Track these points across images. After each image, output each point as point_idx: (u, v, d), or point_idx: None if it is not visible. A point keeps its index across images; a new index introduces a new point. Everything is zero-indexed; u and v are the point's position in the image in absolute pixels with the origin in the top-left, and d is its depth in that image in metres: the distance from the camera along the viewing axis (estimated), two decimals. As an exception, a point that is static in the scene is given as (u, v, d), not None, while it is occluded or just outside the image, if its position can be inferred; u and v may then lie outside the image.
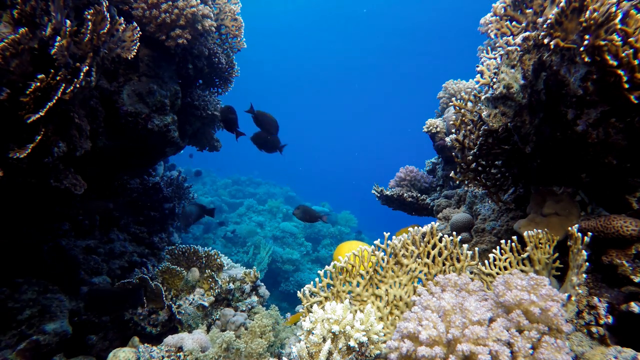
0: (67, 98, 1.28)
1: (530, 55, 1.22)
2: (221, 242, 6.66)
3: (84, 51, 1.35)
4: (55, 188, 1.47)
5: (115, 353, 1.59)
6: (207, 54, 2.60)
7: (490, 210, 1.83)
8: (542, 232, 1.24)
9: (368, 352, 1.03)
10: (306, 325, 1.04)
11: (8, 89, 1.17)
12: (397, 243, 1.28)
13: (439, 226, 2.17)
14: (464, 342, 0.83)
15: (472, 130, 1.65)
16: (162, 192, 3.25)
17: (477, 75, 1.48)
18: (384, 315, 1.24)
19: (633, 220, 1.11)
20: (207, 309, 2.12)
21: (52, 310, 1.94)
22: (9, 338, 1.77)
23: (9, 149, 1.21)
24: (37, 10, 1.21)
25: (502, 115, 1.38)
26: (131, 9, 2.04)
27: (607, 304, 1.08)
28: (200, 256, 2.30)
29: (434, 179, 2.91)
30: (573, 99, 1.10)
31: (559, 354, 0.80)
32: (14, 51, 1.13)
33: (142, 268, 2.53)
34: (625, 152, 1.07)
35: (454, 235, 1.30)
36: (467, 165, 1.66)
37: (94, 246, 2.51)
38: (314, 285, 1.25)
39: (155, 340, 1.98)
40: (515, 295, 0.89)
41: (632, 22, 0.94)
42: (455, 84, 2.82)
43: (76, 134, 1.50)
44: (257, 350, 1.57)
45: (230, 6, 2.66)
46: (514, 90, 1.29)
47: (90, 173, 1.90)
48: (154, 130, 2.20)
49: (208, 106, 2.77)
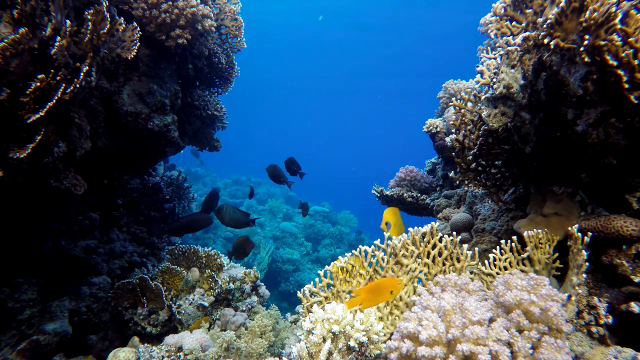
0: (67, 98, 1.28)
1: (530, 55, 1.22)
2: (221, 242, 6.66)
3: (84, 51, 1.35)
4: (55, 188, 1.47)
5: (115, 353, 1.59)
6: (207, 54, 2.60)
7: (490, 210, 1.83)
8: (542, 232, 1.24)
9: (368, 352, 1.03)
10: (306, 325, 1.04)
11: (8, 89, 1.17)
12: (397, 243, 1.28)
13: (439, 226, 2.17)
14: (464, 342, 0.83)
15: (472, 130, 1.65)
16: (162, 192, 3.25)
17: (477, 75, 1.48)
18: (384, 315, 1.24)
19: (633, 220, 1.11)
20: (207, 309, 2.12)
21: (52, 310, 1.94)
22: (9, 338, 1.77)
23: (9, 149, 1.21)
24: (37, 10, 1.21)
25: (502, 115, 1.38)
26: (131, 9, 2.03)
27: (607, 304, 1.08)
28: (200, 256, 2.30)
29: (434, 179, 2.91)
30: (573, 99, 1.10)
31: (559, 354, 0.80)
32: (14, 51, 1.13)
33: (142, 268, 2.52)
34: (625, 152, 1.07)
35: (454, 235, 1.30)
36: (467, 165, 1.66)
37: (94, 246, 2.51)
38: (314, 285, 1.25)
39: (155, 340, 1.98)
40: (515, 295, 0.89)
41: (632, 22, 0.94)
42: (455, 84, 2.82)
43: (76, 134, 1.50)
44: (258, 350, 1.57)
45: (230, 6, 2.66)
46: (514, 90, 1.29)
47: (90, 173, 1.90)
48: (154, 130, 2.20)
49: (208, 106, 2.77)
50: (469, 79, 2.77)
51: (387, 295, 1.07)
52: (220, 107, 2.85)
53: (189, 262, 2.31)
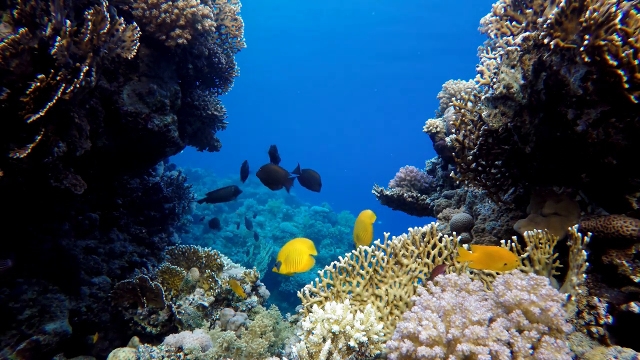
0: (67, 98, 1.28)
1: (530, 55, 1.22)
2: (221, 242, 6.66)
3: (84, 51, 1.35)
4: (55, 188, 1.47)
5: (115, 353, 1.59)
6: (207, 54, 2.60)
7: (490, 210, 1.83)
8: (542, 232, 1.24)
9: (368, 352, 1.03)
10: (306, 325, 1.04)
11: (8, 89, 1.17)
12: (397, 243, 1.28)
13: (439, 226, 2.17)
14: (464, 342, 0.83)
15: (472, 130, 1.65)
16: (162, 192, 3.25)
17: (477, 75, 1.48)
18: (384, 315, 1.24)
19: (633, 220, 1.11)
20: (207, 309, 2.12)
21: (52, 310, 1.94)
22: (9, 338, 1.77)
23: (9, 149, 1.21)
24: (37, 10, 1.21)
25: (502, 115, 1.38)
26: (131, 9, 2.03)
27: (607, 303, 1.08)
28: (200, 256, 2.30)
29: (434, 179, 2.91)
30: (573, 99, 1.10)
31: (559, 354, 0.80)
32: (14, 51, 1.13)
33: (142, 268, 2.52)
34: (625, 152, 1.07)
35: (454, 235, 1.30)
36: (467, 165, 1.66)
37: (94, 246, 2.51)
38: (314, 285, 1.25)
39: (155, 340, 1.98)
40: (515, 295, 0.89)
41: (632, 22, 0.94)
42: (455, 84, 2.82)
43: (76, 134, 1.50)
44: (258, 350, 1.57)
45: (230, 6, 2.66)
46: (514, 90, 1.29)
47: (90, 173, 1.90)
48: (154, 130, 2.20)
49: (208, 106, 2.77)
50: (469, 79, 2.77)
51: (500, 265, 1.02)
52: (220, 107, 2.85)
53: (189, 262, 2.31)
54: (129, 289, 2.06)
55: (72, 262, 2.25)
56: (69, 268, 2.20)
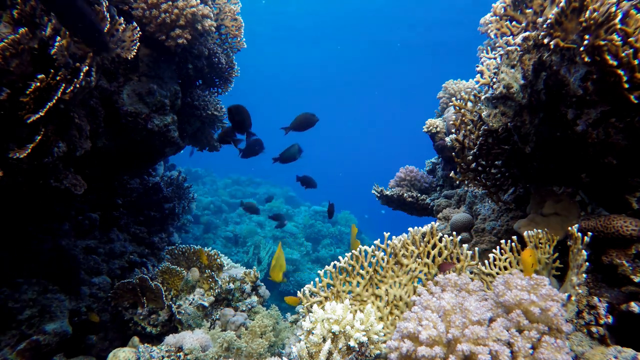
0: (67, 98, 1.28)
1: (530, 55, 1.22)
2: (221, 242, 6.66)
3: (84, 51, 1.35)
4: (55, 188, 1.47)
5: (115, 353, 1.59)
6: (207, 54, 2.60)
7: (490, 210, 1.83)
8: (542, 232, 1.24)
9: (368, 352, 1.03)
10: (306, 325, 1.04)
11: (8, 89, 1.17)
12: (397, 243, 1.28)
13: (439, 226, 2.17)
14: (464, 342, 0.83)
15: (472, 130, 1.65)
16: (162, 192, 3.25)
17: (477, 75, 1.48)
18: (384, 315, 1.24)
19: (633, 220, 1.11)
20: (207, 309, 2.11)
21: (52, 310, 1.94)
22: (9, 338, 1.77)
23: (9, 149, 1.21)
24: (37, 10, 1.21)
25: (502, 115, 1.38)
26: (131, 9, 2.03)
27: (607, 303, 1.08)
28: (200, 256, 2.30)
29: (434, 179, 2.91)
30: (573, 99, 1.10)
31: (559, 354, 0.80)
32: (14, 51, 1.13)
33: (142, 268, 2.52)
34: (625, 152, 1.07)
35: (454, 235, 1.30)
36: (467, 165, 1.66)
37: (94, 246, 2.51)
38: (314, 285, 1.25)
39: (155, 340, 1.98)
40: (515, 295, 0.89)
41: (632, 22, 0.94)
42: (455, 84, 2.82)
43: (76, 134, 1.50)
44: (258, 350, 1.57)
45: (230, 6, 2.66)
46: (514, 90, 1.29)
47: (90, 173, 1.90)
48: (154, 130, 2.20)
49: (208, 106, 2.77)
50: (468, 79, 2.77)
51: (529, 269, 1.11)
52: (220, 107, 2.85)
53: (189, 262, 2.31)
54: (129, 289, 2.06)
55: (72, 262, 2.24)
56: (69, 268, 2.20)
